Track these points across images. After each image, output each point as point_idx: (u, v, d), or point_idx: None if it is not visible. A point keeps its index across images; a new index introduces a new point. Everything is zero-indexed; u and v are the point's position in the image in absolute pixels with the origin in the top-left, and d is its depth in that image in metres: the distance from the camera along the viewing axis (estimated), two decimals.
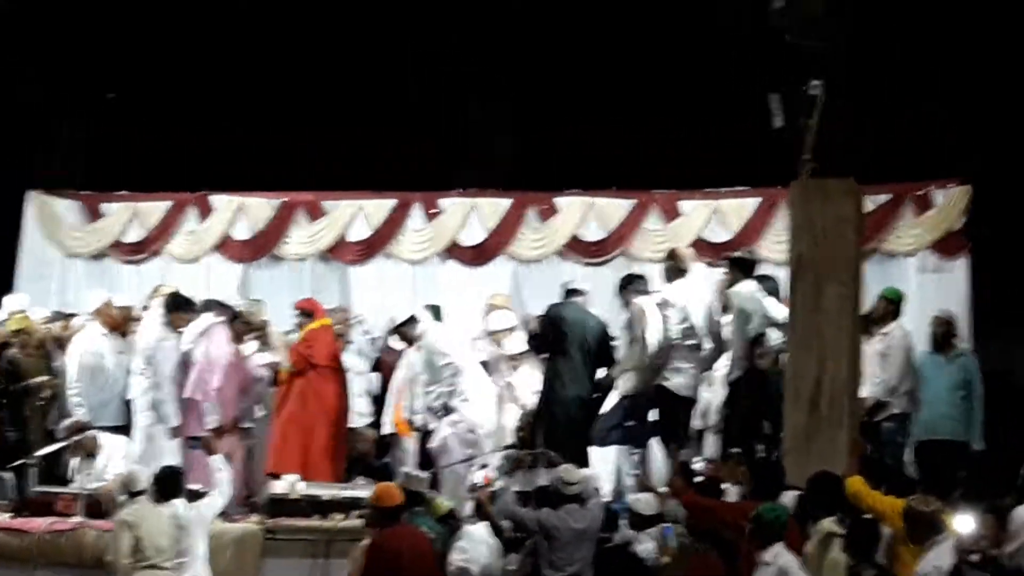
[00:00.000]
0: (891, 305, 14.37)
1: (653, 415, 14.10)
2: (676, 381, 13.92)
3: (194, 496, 12.88)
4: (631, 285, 14.58)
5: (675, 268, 14.33)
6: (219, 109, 17.72)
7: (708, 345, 14.15)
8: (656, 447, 14.17)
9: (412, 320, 14.96)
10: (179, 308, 14.85)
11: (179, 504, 12.54)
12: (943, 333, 14.57)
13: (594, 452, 13.89)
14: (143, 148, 18.10)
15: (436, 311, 15.43)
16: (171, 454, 14.41)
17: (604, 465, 13.90)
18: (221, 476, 13.02)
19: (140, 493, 12.60)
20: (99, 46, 17.76)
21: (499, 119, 17.77)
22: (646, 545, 11.92)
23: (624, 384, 14.02)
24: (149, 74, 17.86)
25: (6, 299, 15.80)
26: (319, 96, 17.75)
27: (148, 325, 15.02)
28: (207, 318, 14.85)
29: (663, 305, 14.02)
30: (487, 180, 17.66)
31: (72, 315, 16.14)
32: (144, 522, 12.34)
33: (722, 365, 14.17)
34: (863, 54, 14.27)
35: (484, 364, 15.17)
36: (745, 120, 14.79)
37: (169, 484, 12.68)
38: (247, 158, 17.76)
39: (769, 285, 14.46)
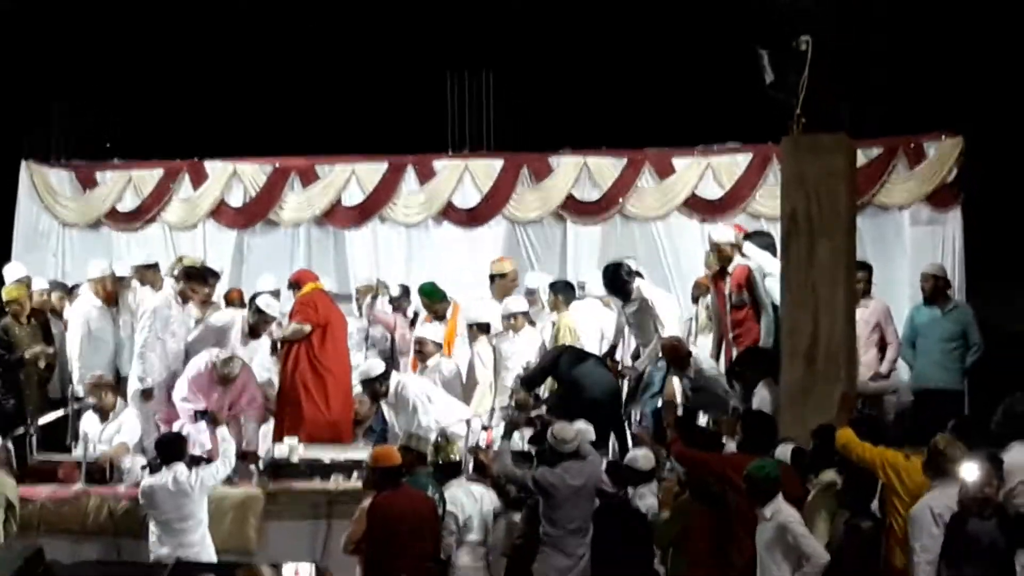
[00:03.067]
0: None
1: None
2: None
3: (196, 462, 12.96)
4: (620, 273, 14.49)
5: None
6: (210, 75, 17.69)
7: None
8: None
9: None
10: (191, 279, 14.89)
11: (180, 468, 12.63)
12: (932, 287, 14.65)
13: None
14: (135, 116, 18.08)
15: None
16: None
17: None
18: (227, 447, 13.12)
19: None
20: (90, 14, 17.73)
21: (487, 78, 17.73)
22: (646, 500, 12.00)
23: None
24: (140, 41, 17.83)
25: (6, 268, 15.84)
26: (310, 60, 17.73)
27: (154, 294, 15.08)
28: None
29: None
30: (478, 142, 17.66)
31: (75, 286, 16.25)
32: None
33: None
34: (851, 8, 14.25)
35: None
36: (735, 76, 14.78)
37: (171, 448, 12.80)
38: (239, 123, 17.74)
39: (764, 241, 14.51)
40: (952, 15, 15.72)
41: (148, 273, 15.67)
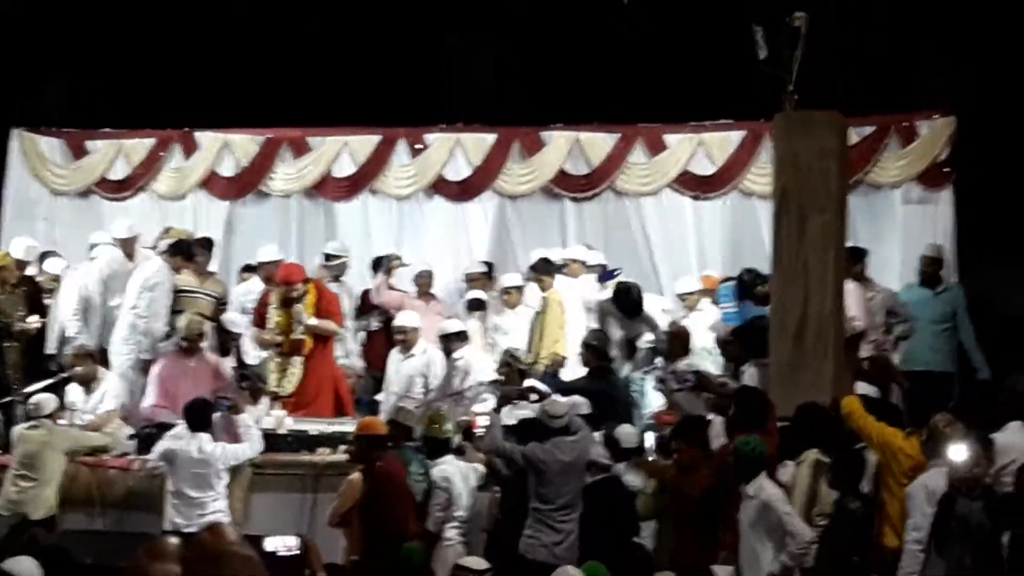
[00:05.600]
0: None
1: None
2: None
3: None
4: (632, 295, 14.71)
5: None
6: (202, 44, 17.62)
7: None
8: None
9: None
10: (180, 254, 14.90)
11: (205, 438, 12.71)
12: (933, 272, 14.69)
13: None
14: (127, 85, 18.00)
15: None
16: None
17: None
18: (252, 432, 13.14)
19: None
20: None
21: (480, 52, 17.68)
22: (627, 477, 12.00)
23: None
24: (132, 9, 17.74)
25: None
26: (303, 32, 17.66)
27: (150, 262, 15.05)
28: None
29: None
30: (470, 115, 17.61)
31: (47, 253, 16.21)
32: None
33: None
34: None
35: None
36: (729, 52, 14.74)
37: (197, 416, 12.86)
38: (231, 94, 17.67)
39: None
40: None
41: (134, 245, 15.60)
